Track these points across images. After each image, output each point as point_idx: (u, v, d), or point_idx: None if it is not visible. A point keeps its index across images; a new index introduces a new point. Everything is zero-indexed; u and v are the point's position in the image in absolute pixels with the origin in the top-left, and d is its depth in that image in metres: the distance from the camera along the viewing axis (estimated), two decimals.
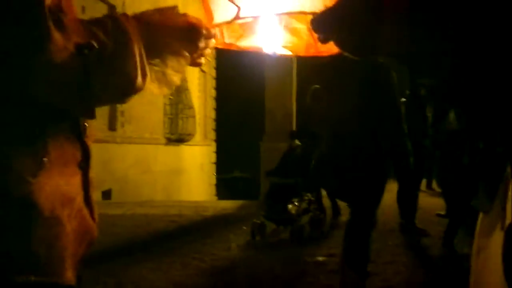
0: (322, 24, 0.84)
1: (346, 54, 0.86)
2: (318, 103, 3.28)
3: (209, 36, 0.99)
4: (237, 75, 14.94)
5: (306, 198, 4.85)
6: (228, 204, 7.40)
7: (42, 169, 0.76)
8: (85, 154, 0.88)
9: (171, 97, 10.81)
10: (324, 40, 0.86)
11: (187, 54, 0.96)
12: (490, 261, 0.86)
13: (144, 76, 0.85)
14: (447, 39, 0.70)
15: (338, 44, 0.84)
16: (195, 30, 0.95)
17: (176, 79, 0.96)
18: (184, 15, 0.96)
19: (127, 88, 0.85)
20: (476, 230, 0.95)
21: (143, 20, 0.91)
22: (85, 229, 0.87)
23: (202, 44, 0.97)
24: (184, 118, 11.19)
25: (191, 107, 11.47)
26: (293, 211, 4.63)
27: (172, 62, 0.94)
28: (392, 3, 0.76)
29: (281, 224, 4.70)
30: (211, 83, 14.23)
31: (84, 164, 0.87)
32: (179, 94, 11.16)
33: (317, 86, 3.52)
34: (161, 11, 0.96)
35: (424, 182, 7.30)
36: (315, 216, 4.91)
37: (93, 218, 0.90)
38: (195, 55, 0.98)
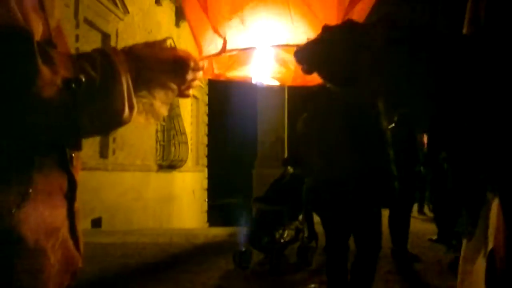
0: (304, 56, 0.87)
1: (328, 84, 0.88)
2: (309, 130, 3.34)
3: (197, 68, 1.01)
4: (229, 101, 15.05)
5: (293, 226, 4.74)
6: (219, 231, 7.33)
7: (27, 200, 0.76)
8: (71, 185, 0.88)
9: (163, 123, 10.84)
10: (307, 71, 0.88)
11: (174, 86, 0.98)
12: (476, 286, 0.87)
13: (131, 108, 0.87)
14: (421, 74, 0.73)
15: (320, 75, 0.87)
16: (183, 63, 0.97)
17: (163, 110, 0.97)
18: (173, 48, 0.99)
19: (114, 121, 0.86)
20: (461, 256, 0.95)
21: (132, 53, 0.93)
22: (70, 260, 0.86)
23: (189, 76, 0.99)
24: (176, 144, 11.19)
25: (183, 133, 11.49)
26: (278, 239, 4.55)
27: (159, 94, 0.96)
28: (369, 38, 0.79)
29: (266, 252, 4.61)
30: (204, 109, 14.31)
31: (70, 194, 0.87)
32: (171, 121, 11.19)
33: (306, 114, 3.58)
34: (149, 44, 0.98)
35: (415, 207, 7.32)
36: (304, 245, 4.79)
37: (78, 249, 0.89)
38: (182, 87, 1.00)
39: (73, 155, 0.90)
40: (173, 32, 11.07)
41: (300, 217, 4.86)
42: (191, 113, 12.92)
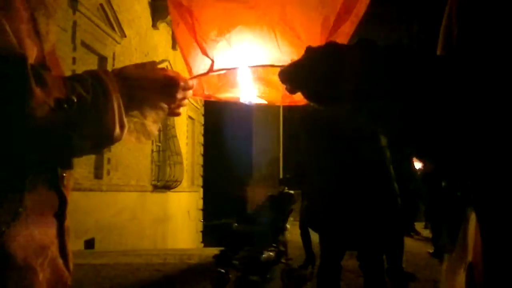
0: (288, 76, 0.90)
1: (311, 104, 0.91)
2: (309, 150, 3.35)
3: (186, 88, 1.04)
4: (225, 122, 15.11)
5: (273, 248, 4.58)
6: (214, 251, 7.26)
7: (17, 219, 0.78)
8: (62, 204, 0.90)
9: (158, 144, 10.85)
10: (291, 91, 0.92)
11: (165, 105, 1.01)
12: None
13: (122, 127, 0.89)
14: (396, 93, 0.76)
15: (303, 94, 0.90)
16: (173, 82, 1.00)
17: (154, 129, 1.00)
18: (163, 69, 1.02)
19: (105, 140, 0.88)
20: (442, 271, 0.97)
21: (123, 74, 0.97)
22: (59, 278, 0.88)
23: (179, 95, 1.03)
24: (171, 164, 11.18)
25: (178, 154, 11.49)
26: (248, 260, 4.43)
27: (150, 113, 0.99)
28: (350, 59, 0.83)
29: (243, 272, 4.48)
30: (199, 129, 14.36)
31: (61, 213, 0.89)
32: (167, 141, 11.21)
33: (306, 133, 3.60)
34: (140, 65, 1.01)
35: None
36: (287, 267, 4.66)
37: (67, 267, 0.91)
38: (173, 106, 1.03)
39: (64, 174, 0.93)
40: (169, 54, 11.20)
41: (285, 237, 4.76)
42: (187, 133, 12.95)
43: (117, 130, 0.86)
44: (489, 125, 0.72)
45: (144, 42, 10.15)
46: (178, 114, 1.05)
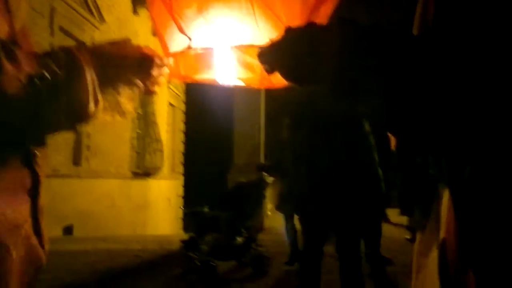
0: (266, 56, 0.90)
1: (289, 83, 0.91)
2: (294, 138, 3.35)
3: (162, 65, 1.03)
4: (206, 108, 15.01)
5: (242, 234, 4.62)
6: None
7: None
8: (34, 182, 0.88)
9: (138, 130, 10.74)
10: (269, 71, 0.91)
11: (140, 82, 0.99)
12: (428, 281, 0.90)
13: (96, 102, 0.88)
14: (374, 73, 0.77)
15: (282, 75, 0.90)
16: (148, 59, 0.99)
17: (129, 107, 0.99)
18: (138, 46, 1.01)
19: (79, 116, 0.87)
20: (415, 249, 0.99)
21: (97, 51, 0.95)
22: (33, 256, 0.87)
23: (154, 72, 1.01)
24: (151, 151, 11.09)
25: (158, 141, 11.39)
26: (212, 245, 4.46)
27: (125, 90, 0.97)
28: (329, 40, 0.83)
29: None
30: (180, 116, 14.25)
31: (34, 191, 0.88)
32: (146, 128, 11.10)
33: (289, 120, 3.60)
34: (114, 43, 0.99)
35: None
36: (256, 254, 4.67)
37: (42, 246, 0.90)
38: (148, 83, 1.02)
39: (36, 152, 0.91)
40: (150, 41, 11.00)
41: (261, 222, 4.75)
42: (167, 120, 12.84)
43: (91, 105, 0.85)
44: (464, 102, 0.73)
45: (124, 28, 9.98)
46: (153, 92, 1.04)
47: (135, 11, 10.52)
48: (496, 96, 0.71)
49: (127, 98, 0.96)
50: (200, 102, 14.59)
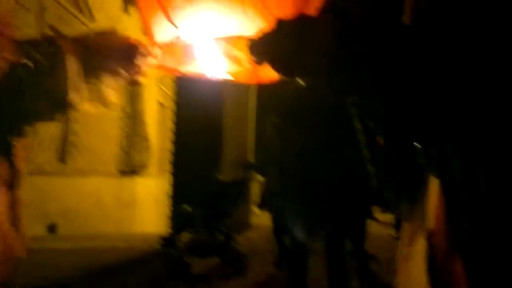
0: (257, 48, 0.89)
1: (279, 76, 0.90)
2: (279, 135, 3.33)
3: (146, 54, 1.01)
4: (196, 107, 14.93)
5: (220, 232, 4.61)
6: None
7: None
8: (13, 173, 0.86)
9: (126, 129, 10.64)
10: (259, 62, 0.90)
11: (124, 72, 0.98)
12: (414, 269, 0.90)
13: (77, 91, 0.86)
14: (368, 65, 0.76)
15: (273, 67, 0.88)
16: (131, 48, 0.97)
17: (112, 97, 0.97)
18: (123, 36, 0.98)
19: (59, 104, 0.85)
20: (400, 240, 0.99)
21: (81, 41, 0.93)
22: (8, 247, 0.84)
23: (139, 61, 1.00)
24: (139, 150, 11.00)
25: (146, 139, 11.30)
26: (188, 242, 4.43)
27: (108, 80, 0.95)
28: (320, 32, 0.82)
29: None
30: (169, 115, 14.16)
31: (11, 182, 0.85)
32: (134, 126, 11.00)
33: (275, 117, 3.58)
34: (99, 33, 0.97)
35: None
36: (234, 253, 4.66)
37: (20, 237, 0.87)
38: (132, 73, 1.00)
39: (15, 143, 0.88)
40: (141, 40, 10.89)
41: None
42: (156, 119, 12.76)
43: (72, 94, 0.83)
44: (455, 94, 0.72)
45: (115, 26, 9.86)
46: (137, 83, 1.02)
47: (126, 10, 10.42)
48: (487, 89, 0.71)
49: (111, 89, 0.94)
50: (190, 101, 14.50)
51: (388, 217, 6.76)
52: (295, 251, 3.18)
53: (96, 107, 0.95)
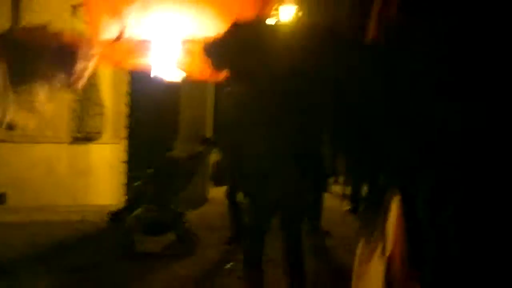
0: (211, 50, 0.85)
1: (234, 79, 0.86)
2: (238, 111, 3.26)
3: (88, 57, 0.91)
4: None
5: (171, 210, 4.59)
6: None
7: None
8: None
9: (78, 93, 10.20)
10: (217, 68, 0.86)
11: (61, 78, 0.87)
12: (371, 286, 0.91)
13: (5, 107, 0.76)
14: (324, 73, 0.73)
15: (227, 69, 0.85)
16: (70, 51, 0.87)
17: (47, 107, 0.87)
18: (58, 34, 0.87)
19: None
20: (356, 257, 0.99)
21: (9, 40, 0.81)
22: None
23: (79, 65, 0.89)
24: (92, 115, 10.61)
25: (100, 104, 10.90)
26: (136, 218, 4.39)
27: (42, 88, 0.85)
28: (275, 37, 0.79)
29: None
30: (124, 78, 13.67)
31: None
32: (86, 91, 10.56)
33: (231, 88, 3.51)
34: (30, 29, 0.86)
35: None
36: (184, 232, 4.64)
37: None
38: (71, 78, 0.90)
39: None
40: (83, 37, 10.25)
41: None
42: (110, 83, 12.29)
43: None
44: (421, 111, 0.70)
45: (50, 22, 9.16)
46: (77, 88, 0.92)
47: (73, 14, 9.68)
48: (458, 105, 0.70)
49: (43, 97, 0.84)
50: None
51: (340, 188, 6.95)
52: (251, 228, 3.20)
53: (26, 120, 0.85)
